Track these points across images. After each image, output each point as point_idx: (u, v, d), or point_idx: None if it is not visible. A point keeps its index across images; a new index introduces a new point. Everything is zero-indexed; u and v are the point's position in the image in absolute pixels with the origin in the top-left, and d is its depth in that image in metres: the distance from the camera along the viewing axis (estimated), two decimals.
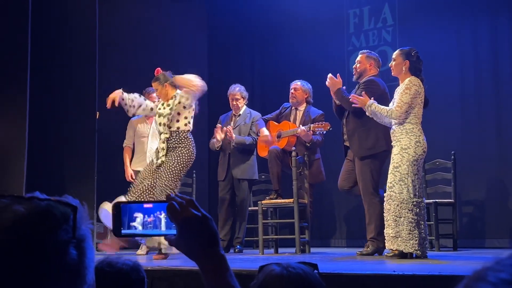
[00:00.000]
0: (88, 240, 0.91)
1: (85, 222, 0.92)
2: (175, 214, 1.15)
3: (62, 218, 0.89)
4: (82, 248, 0.90)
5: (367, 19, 7.78)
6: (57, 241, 0.87)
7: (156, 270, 3.15)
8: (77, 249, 0.89)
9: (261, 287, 1.51)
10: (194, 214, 1.15)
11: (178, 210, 1.15)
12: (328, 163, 6.49)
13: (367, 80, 5.37)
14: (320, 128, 5.73)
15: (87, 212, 0.94)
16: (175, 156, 5.11)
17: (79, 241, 0.89)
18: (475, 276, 0.59)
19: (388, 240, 4.58)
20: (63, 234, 0.88)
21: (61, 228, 0.88)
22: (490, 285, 0.57)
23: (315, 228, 7.20)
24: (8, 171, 5.43)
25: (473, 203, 6.84)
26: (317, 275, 1.59)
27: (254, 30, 8.41)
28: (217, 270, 1.15)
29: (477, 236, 6.76)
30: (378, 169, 5.23)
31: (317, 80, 6.91)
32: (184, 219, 1.14)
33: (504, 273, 0.57)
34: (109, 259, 1.92)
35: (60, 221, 0.88)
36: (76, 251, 0.89)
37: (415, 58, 4.74)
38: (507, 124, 6.69)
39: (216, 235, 1.18)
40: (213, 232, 1.17)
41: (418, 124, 4.65)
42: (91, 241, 0.93)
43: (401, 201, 4.53)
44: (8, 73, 5.46)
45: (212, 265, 1.14)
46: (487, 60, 6.86)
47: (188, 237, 1.15)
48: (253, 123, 6.39)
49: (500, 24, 6.82)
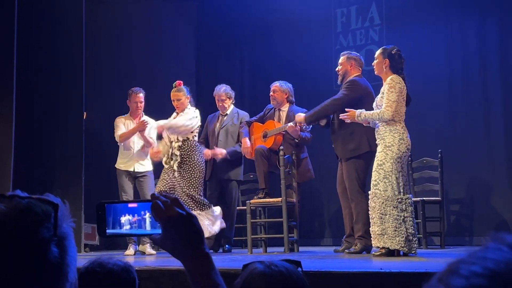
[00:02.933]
0: (70, 238, 0.91)
1: (67, 220, 0.92)
2: (160, 213, 1.15)
3: (44, 216, 0.89)
4: (63, 246, 0.90)
5: (354, 18, 7.81)
6: (39, 239, 0.87)
7: (143, 270, 3.14)
8: (59, 247, 0.89)
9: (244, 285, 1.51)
10: (179, 213, 1.14)
11: (162, 209, 1.15)
12: (316, 162, 6.50)
13: (349, 80, 5.41)
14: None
15: (68, 210, 0.94)
16: (190, 165, 5.59)
17: (61, 239, 0.89)
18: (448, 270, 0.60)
19: (375, 237, 4.60)
20: (44, 232, 0.88)
21: (43, 226, 0.88)
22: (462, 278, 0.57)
23: (303, 227, 7.21)
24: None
25: (460, 201, 6.88)
26: (301, 273, 1.60)
27: (242, 30, 8.41)
28: (202, 268, 1.15)
29: (465, 234, 6.80)
30: (363, 169, 5.26)
31: (305, 79, 6.96)
32: (169, 218, 1.14)
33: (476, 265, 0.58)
34: (101, 259, 1.92)
35: (42, 219, 0.88)
36: (58, 249, 0.88)
37: (396, 57, 4.76)
38: (494, 123, 6.73)
39: (201, 234, 1.17)
40: (197, 231, 1.16)
41: (401, 122, 4.68)
42: (73, 239, 0.93)
43: (385, 199, 4.55)
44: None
45: (197, 263, 1.14)
46: (475, 59, 6.90)
47: (172, 236, 1.15)
48: (241, 123, 6.38)
49: (488, 23, 6.87)
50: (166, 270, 3.13)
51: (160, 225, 1.16)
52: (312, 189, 7.47)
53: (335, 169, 5.85)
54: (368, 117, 4.76)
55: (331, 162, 6.03)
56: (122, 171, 6.22)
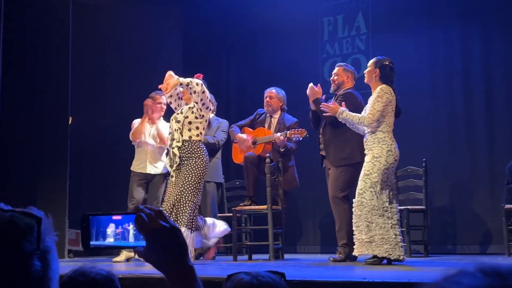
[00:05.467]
0: (52, 252, 0.92)
1: (50, 233, 0.92)
2: (143, 226, 1.15)
3: (27, 229, 0.89)
4: (46, 260, 0.90)
5: (341, 27, 7.86)
6: (21, 253, 0.87)
7: (126, 278, 3.13)
8: (42, 260, 0.89)
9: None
10: (163, 225, 1.15)
11: (146, 222, 1.15)
12: (303, 170, 6.52)
13: (346, 92, 5.47)
14: (297, 135, 5.76)
15: (52, 224, 0.94)
16: (190, 168, 5.07)
17: (44, 252, 0.90)
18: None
19: (362, 245, 4.61)
20: (27, 246, 0.88)
21: (26, 239, 0.88)
22: None
23: (289, 235, 7.22)
24: None
25: (444, 210, 6.94)
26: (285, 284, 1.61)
27: (229, 37, 8.42)
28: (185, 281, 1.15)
29: (448, 243, 6.85)
30: (351, 178, 5.29)
31: (292, 87, 6.96)
32: (153, 230, 1.14)
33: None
34: (83, 268, 1.91)
35: (25, 232, 0.88)
36: (40, 262, 0.89)
37: (388, 69, 4.80)
38: (477, 132, 6.80)
39: (185, 247, 1.18)
40: (181, 244, 1.17)
41: (390, 133, 4.71)
42: (56, 252, 0.93)
43: (372, 208, 4.58)
44: None
45: (180, 276, 1.14)
46: (458, 69, 6.98)
47: (156, 248, 1.15)
48: (218, 127, 6.35)
49: (471, 33, 6.95)
50: (149, 278, 3.12)
51: (144, 237, 1.16)
52: (298, 197, 7.48)
53: (321, 177, 5.88)
54: (349, 117, 4.79)
55: (317, 171, 6.05)
56: (136, 174, 6.15)
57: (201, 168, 5.08)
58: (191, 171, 5.06)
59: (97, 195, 7.36)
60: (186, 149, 5.12)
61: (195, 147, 5.12)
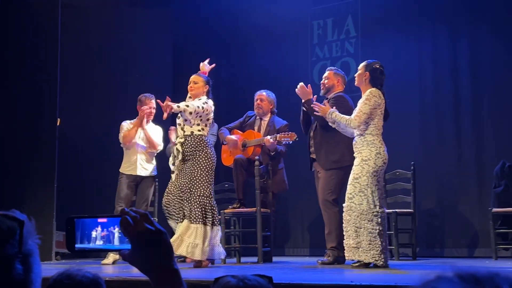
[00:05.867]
0: (35, 255, 0.91)
1: (32, 237, 0.92)
2: (128, 229, 1.15)
3: (9, 232, 0.88)
4: (28, 263, 0.89)
5: (330, 31, 7.88)
6: (3, 256, 0.86)
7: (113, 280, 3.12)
8: (23, 264, 0.88)
9: None
10: (148, 228, 1.14)
11: (131, 225, 1.14)
12: (292, 173, 6.52)
13: (337, 95, 5.51)
14: (287, 138, 5.76)
15: (34, 227, 0.93)
16: (196, 162, 5.01)
17: (26, 256, 0.89)
18: None
19: (350, 250, 4.63)
20: (9, 249, 0.87)
21: (8, 242, 0.87)
22: None
23: (278, 237, 7.22)
24: None
25: (432, 213, 6.96)
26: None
27: (219, 40, 8.41)
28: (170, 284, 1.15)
29: (436, 246, 6.88)
30: (341, 181, 5.30)
31: (282, 90, 6.98)
32: (138, 233, 1.14)
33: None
34: (69, 271, 1.89)
35: (7, 236, 0.88)
36: (22, 266, 0.88)
37: (377, 72, 4.82)
38: (465, 136, 6.84)
39: (170, 250, 1.17)
40: (166, 247, 1.16)
41: (379, 136, 4.72)
42: (38, 256, 0.93)
43: (361, 212, 4.59)
44: None
45: (165, 279, 1.14)
46: (447, 72, 7.01)
47: (141, 252, 1.14)
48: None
49: (459, 36, 6.99)
50: (136, 281, 3.11)
51: (129, 240, 1.16)
52: (287, 200, 7.49)
53: (310, 180, 5.88)
54: (337, 119, 4.81)
55: (306, 174, 6.06)
56: (125, 176, 6.11)
57: (206, 162, 5.03)
58: (197, 166, 5.01)
59: (85, 197, 7.32)
60: (189, 143, 5.07)
61: (197, 141, 5.06)
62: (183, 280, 1.16)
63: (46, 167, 6.18)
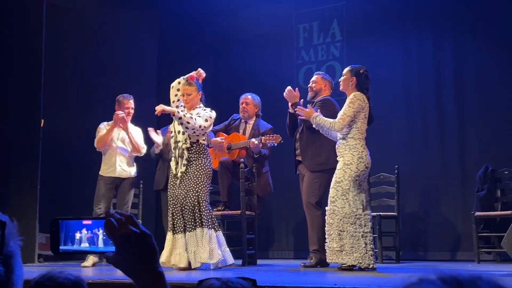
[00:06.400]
0: (16, 257, 0.90)
1: (14, 238, 0.91)
2: (113, 231, 1.14)
3: None
4: (9, 265, 0.88)
5: (316, 34, 7.91)
6: None
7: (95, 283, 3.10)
8: (5, 265, 0.87)
9: None
10: (133, 231, 1.13)
11: (116, 227, 1.14)
12: (277, 176, 6.53)
13: (324, 99, 5.54)
14: (271, 141, 5.77)
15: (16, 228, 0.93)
16: (200, 168, 5.06)
17: (7, 257, 0.88)
18: None
19: (333, 253, 4.64)
20: None
21: None
22: None
23: (262, 240, 7.22)
24: None
25: (416, 217, 7.01)
26: None
27: (205, 42, 8.40)
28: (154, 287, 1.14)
29: (420, 249, 6.92)
30: (325, 184, 5.31)
31: (267, 93, 6.98)
32: (122, 236, 1.13)
33: None
34: (51, 273, 1.88)
35: None
36: (4, 267, 0.87)
37: (363, 77, 4.85)
38: (449, 140, 6.89)
39: (155, 252, 1.17)
40: (151, 249, 1.16)
41: (361, 140, 4.75)
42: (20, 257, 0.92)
43: (343, 216, 4.61)
44: None
45: (149, 282, 1.13)
46: (431, 76, 7.07)
47: (126, 254, 1.14)
48: None
49: (444, 41, 7.05)
50: (119, 283, 3.09)
51: (113, 242, 1.15)
52: (272, 203, 7.49)
53: (295, 183, 5.89)
54: (321, 122, 4.83)
55: (291, 177, 6.06)
56: (104, 178, 6.04)
57: (208, 168, 5.12)
58: (201, 171, 5.06)
59: (69, 199, 7.27)
60: (194, 149, 5.10)
61: (202, 148, 5.14)
62: (167, 283, 1.16)
63: (30, 169, 6.13)
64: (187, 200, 4.98)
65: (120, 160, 6.09)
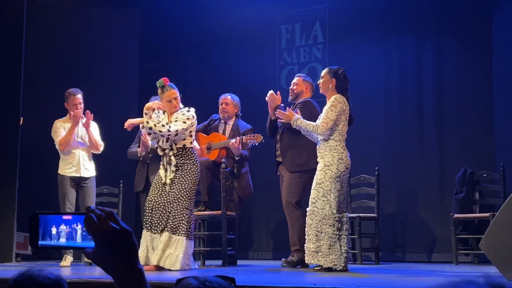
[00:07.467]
0: None
1: None
2: (93, 227, 1.13)
3: None
4: None
5: (298, 36, 7.93)
6: None
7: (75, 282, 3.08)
8: None
9: None
10: (113, 227, 1.13)
11: (95, 223, 1.13)
12: (256, 177, 6.54)
13: (305, 100, 5.57)
14: (253, 140, 5.78)
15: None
16: (185, 174, 4.98)
17: None
18: None
19: (309, 254, 4.67)
20: None
21: None
22: None
23: (242, 241, 7.22)
24: None
25: (395, 218, 7.06)
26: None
27: (186, 42, 8.38)
28: (134, 285, 1.14)
29: (398, 250, 6.97)
30: (305, 184, 5.34)
31: (249, 94, 7.00)
32: (102, 232, 1.12)
33: None
34: (31, 271, 1.85)
35: None
36: None
37: (342, 77, 4.88)
38: (429, 142, 6.95)
39: (134, 249, 1.16)
40: (131, 246, 1.15)
41: (342, 141, 4.78)
42: None
43: (323, 217, 4.63)
44: None
45: (129, 279, 1.13)
46: (412, 79, 7.12)
47: (105, 250, 1.13)
48: None
49: (424, 44, 7.12)
50: (98, 282, 3.08)
51: (93, 238, 1.14)
52: (251, 204, 7.49)
53: (275, 184, 5.90)
54: (303, 125, 4.85)
55: (271, 178, 6.08)
56: (66, 177, 5.95)
57: (195, 174, 5.02)
58: (186, 177, 4.98)
59: (47, 198, 7.20)
60: (181, 155, 5.02)
61: (189, 153, 5.06)
62: (147, 280, 1.16)
63: (8, 167, 6.06)
64: (172, 205, 4.94)
65: (83, 159, 6.01)
